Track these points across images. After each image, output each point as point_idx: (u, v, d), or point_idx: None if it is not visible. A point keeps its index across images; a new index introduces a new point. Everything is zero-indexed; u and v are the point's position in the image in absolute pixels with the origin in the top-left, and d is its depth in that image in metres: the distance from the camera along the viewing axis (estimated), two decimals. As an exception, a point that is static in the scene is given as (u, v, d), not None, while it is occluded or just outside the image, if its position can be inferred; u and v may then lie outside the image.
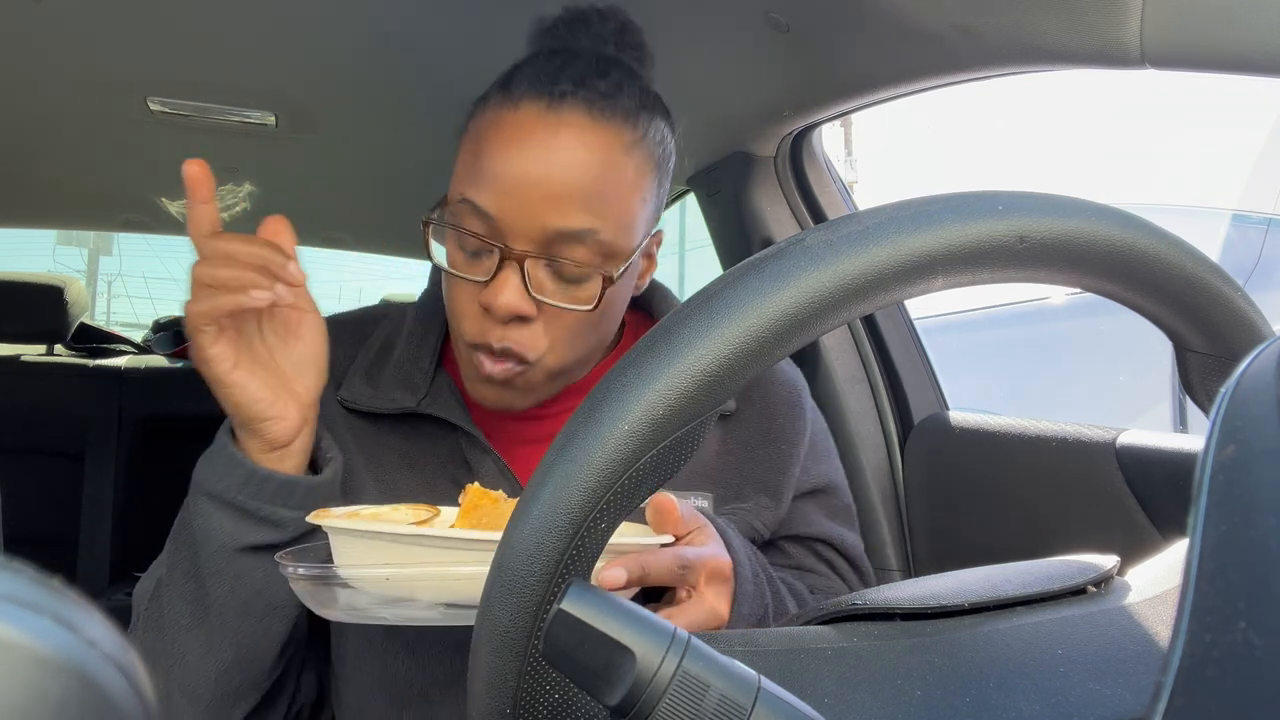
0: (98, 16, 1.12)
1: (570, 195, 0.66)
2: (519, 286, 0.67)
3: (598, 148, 0.68)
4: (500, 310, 0.67)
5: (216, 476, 0.64)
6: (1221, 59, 0.60)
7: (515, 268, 0.67)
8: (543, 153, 0.66)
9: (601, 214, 0.68)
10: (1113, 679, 0.40)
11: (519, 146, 0.67)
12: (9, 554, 0.18)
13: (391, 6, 1.10)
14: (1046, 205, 0.36)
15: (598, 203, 0.68)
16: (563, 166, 0.66)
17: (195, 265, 0.63)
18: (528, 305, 0.68)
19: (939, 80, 0.97)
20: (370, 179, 1.80)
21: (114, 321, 10.36)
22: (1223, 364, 0.40)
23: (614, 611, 0.32)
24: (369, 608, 0.56)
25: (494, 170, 0.67)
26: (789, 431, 0.84)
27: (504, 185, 0.67)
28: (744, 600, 0.66)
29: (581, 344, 0.73)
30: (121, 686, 0.16)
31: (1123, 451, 0.93)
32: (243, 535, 0.63)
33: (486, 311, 0.68)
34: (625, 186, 0.70)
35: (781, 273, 0.34)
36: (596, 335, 0.74)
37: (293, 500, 0.64)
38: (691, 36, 1.11)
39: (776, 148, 1.32)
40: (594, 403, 0.34)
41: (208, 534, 0.64)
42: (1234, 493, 0.23)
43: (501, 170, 0.67)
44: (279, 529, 0.64)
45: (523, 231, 0.67)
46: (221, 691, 0.66)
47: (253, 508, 0.63)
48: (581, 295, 0.69)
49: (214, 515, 0.64)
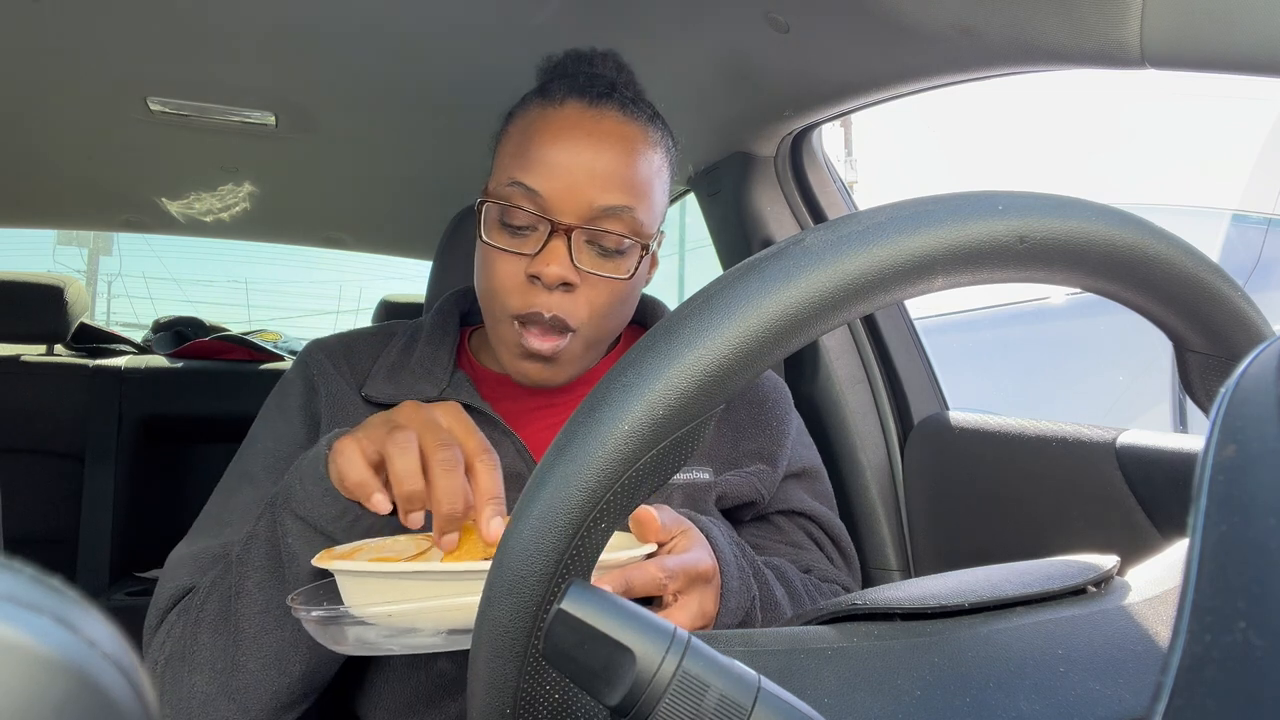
0: (98, 16, 1.12)
1: (611, 175, 0.76)
2: (566, 256, 0.76)
3: (630, 138, 0.79)
4: (550, 277, 0.75)
5: (312, 503, 0.64)
6: (1221, 59, 0.60)
7: (563, 239, 0.76)
8: (588, 140, 0.77)
9: (635, 194, 0.78)
10: (1113, 679, 0.40)
11: (567, 135, 0.77)
12: (9, 554, 0.18)
13: (391, 7, 1.10)
14: (1046, 205, 0.36)
15: (632, 184, 0.77)
16: (604, 151, 0.77)
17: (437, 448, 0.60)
18: (574, 274, 0.76)
19: (939, 80, 0.97)
20: (370, 179, 1.80)
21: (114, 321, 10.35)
22: (1223, 364, 0.40)
23: (614, 611, 0.32)
24: (377, 641, 0.58)
25: (543, 156, 0.76)
26: (778, 412, 0.93)
27: (553, 168, 0.76)
28: (730, 595, 0.68)
29: (614, 317, 0.81)
30: (121, 686, 0.16)
31: (1123, 451, 0.93)
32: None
33: (534, 282, 0.76)
34: (652, 173, 0.80)
35: (781, 273, 0.34)
36: (624, 311, 0.82)
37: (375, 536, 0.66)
38: (691, 37, 1.11)
39: (776, 148, 1.32)
40: (594, 403, 0.34)
41: (295, 554, 0.65)
42: (1234, 493, 0.23)
43: (551, 156, 0.76)
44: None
45: (570, 208, 0.76)
46: (282, 700, 0.67)
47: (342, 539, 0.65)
48: (620, 267, 0.79)
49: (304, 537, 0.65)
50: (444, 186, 1.78)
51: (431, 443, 0.59)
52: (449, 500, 0.58)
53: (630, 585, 0.60)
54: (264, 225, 2.13)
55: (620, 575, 0.60)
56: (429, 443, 0.59)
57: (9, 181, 1.80)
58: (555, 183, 0.76)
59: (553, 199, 0.76)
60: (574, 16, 1.10)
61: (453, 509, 0.58)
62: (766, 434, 0.90)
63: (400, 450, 0.58)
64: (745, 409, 0.91)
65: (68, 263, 10.47)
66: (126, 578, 2.09)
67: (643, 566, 0.62)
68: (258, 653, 0.66)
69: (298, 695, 0.68)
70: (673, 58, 1.17)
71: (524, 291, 0.77)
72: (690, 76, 1.19)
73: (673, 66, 1.19)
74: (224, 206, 1.94)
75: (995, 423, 1.12)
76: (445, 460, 0.58)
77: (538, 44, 1.17)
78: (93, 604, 0.17)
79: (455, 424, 0.61)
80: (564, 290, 0.77)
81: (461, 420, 0.62)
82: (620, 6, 1.07)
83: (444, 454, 0.58)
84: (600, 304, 0.78)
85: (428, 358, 0.87)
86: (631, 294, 0.82)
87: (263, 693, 0.66)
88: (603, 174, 0.76)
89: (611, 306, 0.79)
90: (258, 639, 0.66)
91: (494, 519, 0.58)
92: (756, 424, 0.90)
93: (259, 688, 0.66)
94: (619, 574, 0.60)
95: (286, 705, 0.68)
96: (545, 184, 0.76)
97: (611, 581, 0.59)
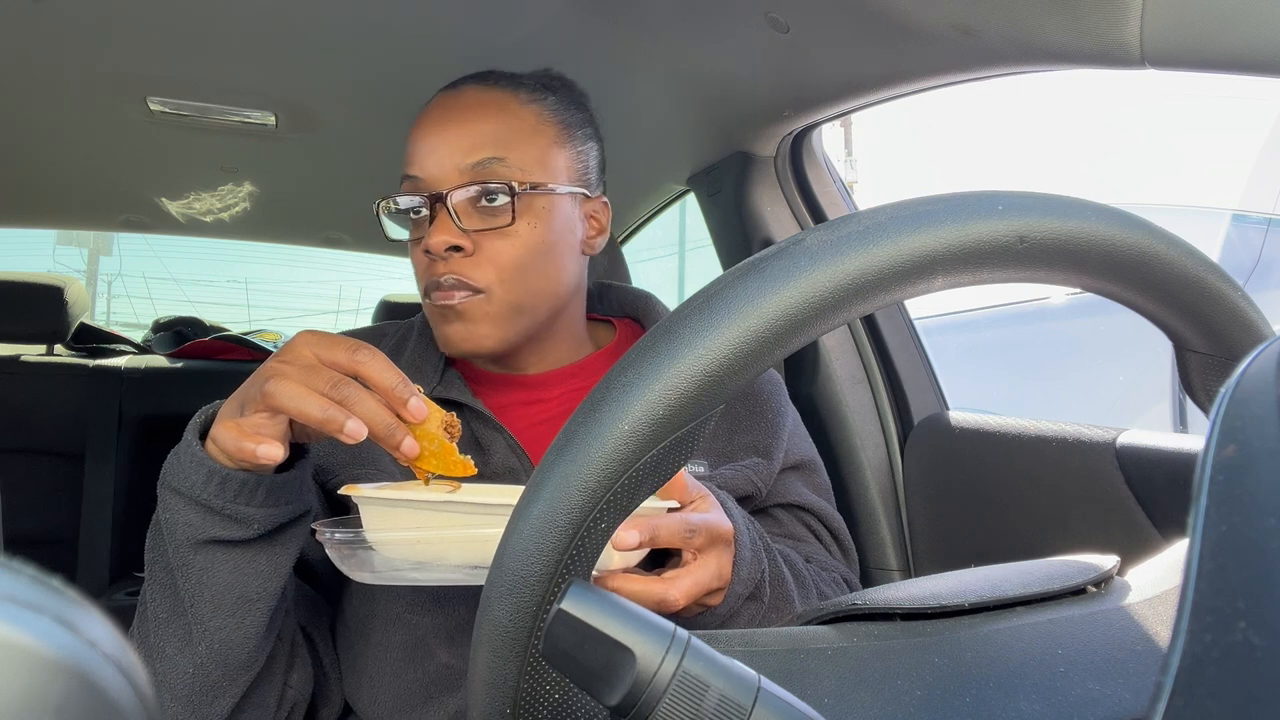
0: (98, 16, 1.12)
1: (471, 135, 0.80)
2: (448, 222, 0.79)
3: (491, 101, 0.82)
4: (435, 245, 0.78)
5: (183, 474, 0.63)
6: (1221, 59, 0.60)
7: (443, 209, 0.79)
8: (445, 114, 0.82)
9: (504, 146, 0.80)
10: (1113, 679, 0.40)
11: (428, 118, 0.82)
12: (9, 554, 0.18)
13: (391, 7, 1.10)
14: (1046, 205, 0.36)
15: (497, 137, 0.80)
16: (461, 116, 0.81)
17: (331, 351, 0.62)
18: (457, 235, 0.79)
19: (939, 80, 0.97)
20: (370, 179, 1.80)
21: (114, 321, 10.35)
22: (1223, 364, 0.40)
23: (614, 611, 0.32)
24: (401, 571, 0.61)
25: (415, 142, 0.82)
26: (774, 404, 0.93)
27: (420, 150, 0.81)
28: (743, 565, 0.69)
29: (525, 276, 0.81)
30: (121, 686, 0.16)
31: (1123, 451, 0.93)
32: (207, 529, 0.64)
33: (430, 256, 0.80)
34: (526, 127, 0.82)
35: (781, 273, 0.34)
36: (538, 269, 0.82)
37: (256, 499, 0.64)
38: (691, 36, 1.11)
39: (776, 148, 1.32)
40: (594, 403, 0.34)
41: (173, 528, 0.64)
42: (1234, 493, 0.23)
43: (419, 138, 0.82)
44: (244, 525, 0.64)
45: (440, 175, 0.80)
46: (200, 686, 0.66)
47: (217, 505, 0.63)
48: (501, 218, 0.80)
49: (180, 510, 0.64)
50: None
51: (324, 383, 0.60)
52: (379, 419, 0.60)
53: (657, 534, 0.62)
54: (264, 225, 2.13)
55: (648, 523, 0.61)
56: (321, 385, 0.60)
57: (9, 181, 1.80)
58: (424, 160, 0.80)
59: (425, 173, 0.80)
60: (573, 17, 1.10)
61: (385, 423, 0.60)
62: (762, 427, 0.90)
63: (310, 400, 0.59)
64: (741, 402, 0.91)
65: (68, 263, 10.47)
66: (126, 578, 2.09)
67: (669, 518, 0.63)
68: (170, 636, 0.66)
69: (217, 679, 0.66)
70: (673, 58, 1.17)
71: (427, 267, 0.81)
72: (690, 76, 1.19)
73: (673, 66, 1.19)
74: (224, 206, 1.94)
75: (995, 423, 1.12)
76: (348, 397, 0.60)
77: (538, 44, 1.17)
78: (93, 604, 0.17)
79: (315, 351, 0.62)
80: (459, 255, 0.79)
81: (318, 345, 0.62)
82: (620, 7, 1.07)
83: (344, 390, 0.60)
84: (504, 261, 0.80)
85: (419, 355, 0.88)
86: (541, 249, 0.82)
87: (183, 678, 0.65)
88: (461, 134, 0.80)
89: (517, 262, 0.80)
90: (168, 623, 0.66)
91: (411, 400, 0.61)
92: (752, 417, 0.90)
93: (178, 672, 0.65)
94: (646, 522, 0.61)
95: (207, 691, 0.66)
96: (417, 166, 0.81)
97: (639, 528, 0.60)
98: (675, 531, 0.63)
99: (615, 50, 1.19)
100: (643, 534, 0.60)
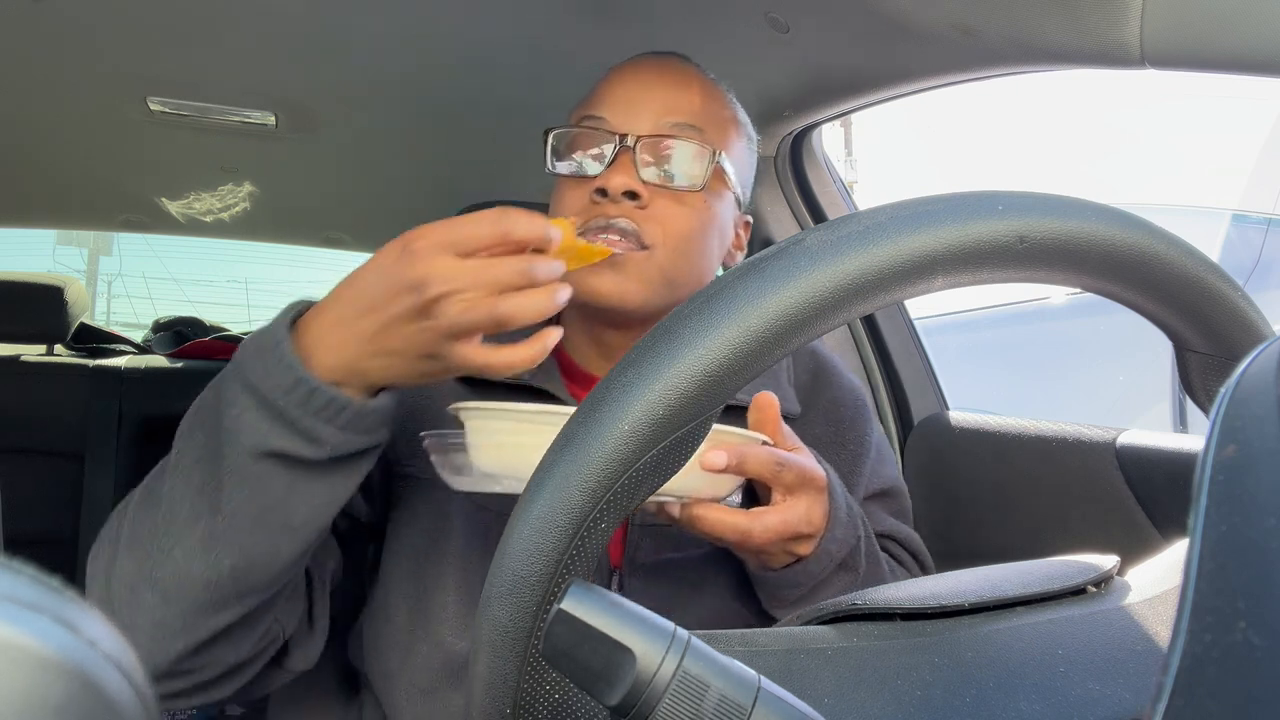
0: (98, 16, 1.12)
1: (677, 98, 0.78)
2: (629, 165, 0.75)
3: (698, 79, 0.82)
4: (615, 185, 0.74)
5: (265, 373, 0.58)
6: (1221, 59, 0.60)
7: (628, 154, 0.76)
8: (652, 69, 0.81)
9: (703, 120, 0.79)
10: (1113, 679, 0.40)
11: (633, 69, 0.81)
12: (9, 554, 0.18)
13: (391, 7, 1.10)
14: (1046, 205, 0.36)
15: (700, 111, 0.79)
16: (670, 79, 0.80)
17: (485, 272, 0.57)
18: (638, 184, 0.75)
19: (939, 80, 0.97)
20: (370, 179, 1.80)
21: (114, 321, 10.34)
22: (1223, 364, 0.40)
23: (614, 611, 0.32)
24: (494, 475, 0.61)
25: (611, 88, 0.80)
26: (858, 433, 0.88)
27: (619, 94, 0.79)
28: (838, 525, 0.67)
29: (688, 248, 0.78)
30: (121, 687, 0.16)
31: (1123, 451, 0.93)
32: (275, 440, 0.58)
33: (600, 196, 0.75)
34: (725, 116, 0.82)
35: (782, 273, 0.34)
36: (699, 246, 0.79)
37: (339, 419, 0.59)
38: (692, 36, 1.11)
39: (776, 148, 1.32)
40: (594, 403, 0.34)
41: (238, 430, 0.58)
42: (1234, 493, 0.23)
43: (618, 85, 0.80)
44: (316, 445, 0.58)
45: (634, 123, 0.77)
46: (207, 598, 0.60)
47: (294, 416, 0.58)
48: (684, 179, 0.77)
49: (250, 410, 0.58)
50: (444, 186, 1.78)
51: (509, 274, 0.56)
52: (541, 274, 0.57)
53: (744, 461, 0.59)
54: (264, 225, 2.12)
55: (737, 448, 0.58)
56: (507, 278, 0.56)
57: (9, 181, 1.80)
58: (622, 105, 0.78)
59: (619, 118, 0.77)
60: (573, 17, 1.10)
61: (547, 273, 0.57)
62: (845, 454, 0.86)
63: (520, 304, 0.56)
64: (823, 424, 0.87)
65: (68, 263, 10.45)
66: (126, 578, 2.09)
67: (758, 448, 0.60)
68: (186, 538, 0.59)
69: (227, 595, 0.60)
70: (673, 58, 1.17)
71: (587, 207, 0.76)
72: (690, 76, 1.19)
73: (673, 66, 1.19)
74: (224, 206, 1.94)
75: (995, 423, 1.12)
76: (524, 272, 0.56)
77: (537, 44, 1.17)
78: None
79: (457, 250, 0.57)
80: (632, 203, 0.75)
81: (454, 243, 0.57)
82: (620, 7, 1.07)
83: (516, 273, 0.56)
84: (675, 226, 0.76)
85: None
86: (708, 226, 0.79)
87: (187, 585, 0.59)
88: (669, 97, 0.78)
89: (687, 230, 0.77)
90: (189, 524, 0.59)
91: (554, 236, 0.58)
92: (835, 442, 0.86)
93: (183, 578, 0.59)
94: (736, 446, 0.58)
95: (210, 605, 0.60)
96: (608, 109, 0.78)
97: (728, 450, 0.57)
98: (764, 463, 0.60)
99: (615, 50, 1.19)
100: (731, 457, 0.58)
